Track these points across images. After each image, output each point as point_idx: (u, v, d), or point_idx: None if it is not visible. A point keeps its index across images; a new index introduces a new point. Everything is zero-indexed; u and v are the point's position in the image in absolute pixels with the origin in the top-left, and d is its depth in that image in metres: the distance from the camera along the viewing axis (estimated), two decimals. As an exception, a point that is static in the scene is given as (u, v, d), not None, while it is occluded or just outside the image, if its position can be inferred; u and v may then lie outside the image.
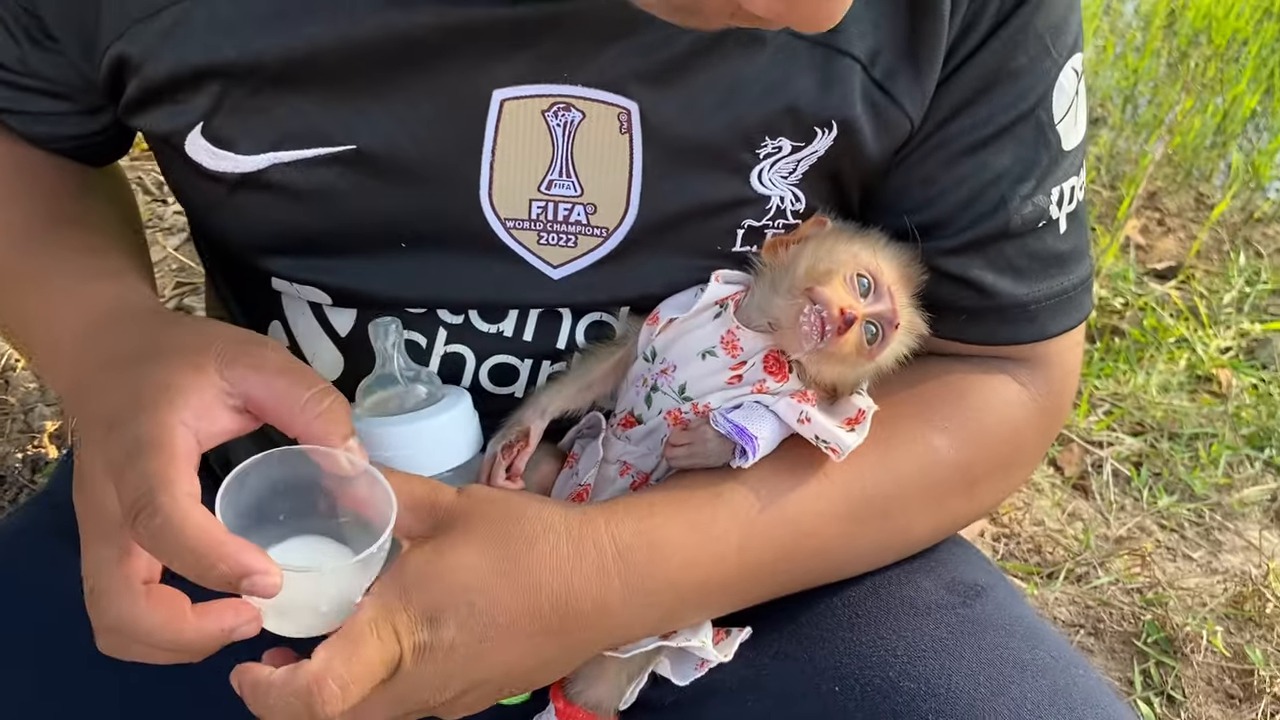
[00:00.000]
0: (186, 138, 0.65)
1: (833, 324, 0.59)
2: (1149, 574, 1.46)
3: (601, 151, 0.64)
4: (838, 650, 0.65)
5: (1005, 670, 0.61)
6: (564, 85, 0.62)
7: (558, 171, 0.64)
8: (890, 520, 0.68)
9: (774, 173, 0.66)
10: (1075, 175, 0.70)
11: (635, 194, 0.65)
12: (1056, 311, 0.71)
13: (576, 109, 0.62)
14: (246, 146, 0.64)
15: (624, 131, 0.63)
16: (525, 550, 0.57)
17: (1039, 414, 0.72)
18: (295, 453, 0.56)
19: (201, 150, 0.64)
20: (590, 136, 0.63)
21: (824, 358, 0.61)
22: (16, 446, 1.25)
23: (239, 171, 0.64)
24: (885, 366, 0.64)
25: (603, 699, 0.68)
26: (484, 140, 0.63)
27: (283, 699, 0.52)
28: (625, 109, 0.62)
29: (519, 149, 0.63)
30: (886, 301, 0.62)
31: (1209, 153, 2.68)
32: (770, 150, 0.65)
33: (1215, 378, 1.92)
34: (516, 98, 0.62)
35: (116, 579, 0.54)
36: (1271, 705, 1.28)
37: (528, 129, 0.63)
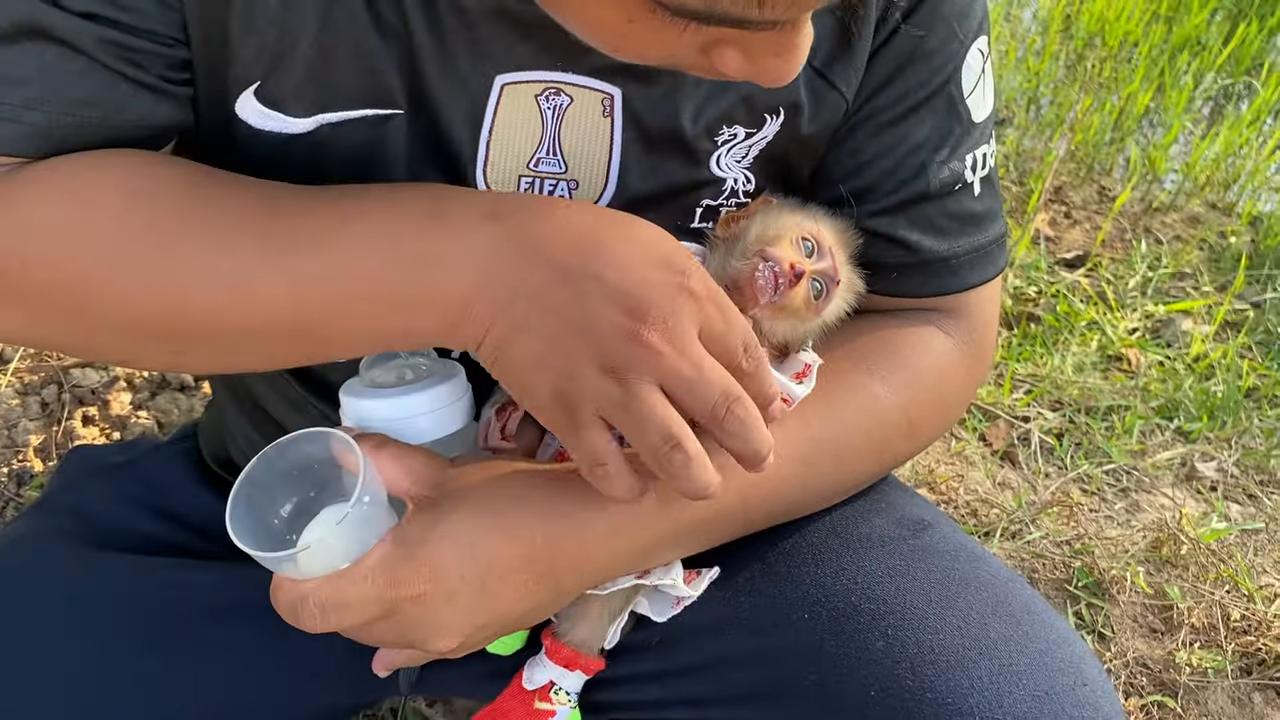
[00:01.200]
0: (239, 99, 0.66)
1: (784, 277, 0.67)
2: (1076, 528, 1.56)
3: (585, 133, 0.70)
4: (804, 583, 0.71)
5: (952, 588, 0.68)
6: (556, 72, 0.67)
7: (545, 150, 0.70)
8: (839, 462, 0.74)
9: (729, 157, 0.73)
10: (986, 144, 0.79)
11: (614, 173, 0.71)
12: (975, 264, 0.79)
13: (566, 94, 0.68)
14: (297, 108, 0.66)
15: (606, 115, 0.69)
16: (517, 507, 0.63)
17: (964, 359, 0.80)
18: (302, 437, 0.60)
19: (251, 112, 0.66)
20: (576, 119, 0.69)
21: (777, 312, 0.69)
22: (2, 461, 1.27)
23: (286, 133, 0.67)
24: (830, 322, 0.72)
25: (587, 637, 0.74)
26: (484, 121, 0.68)
27: (284, 602, 0.60)
28: (609, 95, 0.69)
29: (512, 130, 0.69)
30: (828, 260, 0.70)
31: (1108, 148, 2.80)
32: (727, 137, 0.72)
33: (1125, 357, 2.03)
34: (515, 83, 0.67)
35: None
36: (1190, 635, 1.39)
37: (522, 111, 0.68)
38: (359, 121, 0.67)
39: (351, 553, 0.59)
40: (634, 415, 0.58)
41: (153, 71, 0.63)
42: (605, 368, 0.57)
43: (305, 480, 0.62)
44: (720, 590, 0.74)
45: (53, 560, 0.86)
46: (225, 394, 0.93)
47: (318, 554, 0.58)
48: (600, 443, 0.60)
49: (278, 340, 0.63)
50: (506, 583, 0.62)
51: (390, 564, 0.60)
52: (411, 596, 0.60)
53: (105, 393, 1.40)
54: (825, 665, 0.67)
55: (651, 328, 0.57)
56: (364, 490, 0.58)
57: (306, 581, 0.59)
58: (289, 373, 0.81)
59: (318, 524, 0.61)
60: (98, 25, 0.60)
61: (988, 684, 0.62)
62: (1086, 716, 0.62)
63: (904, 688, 0.63)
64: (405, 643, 0.63)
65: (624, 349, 0.57)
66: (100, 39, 0.61)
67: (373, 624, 0.61)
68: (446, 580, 0.60)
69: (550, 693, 0.75)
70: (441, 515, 0.62)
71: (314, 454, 0.61)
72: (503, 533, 0.62)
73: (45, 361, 1.43)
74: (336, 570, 0.60)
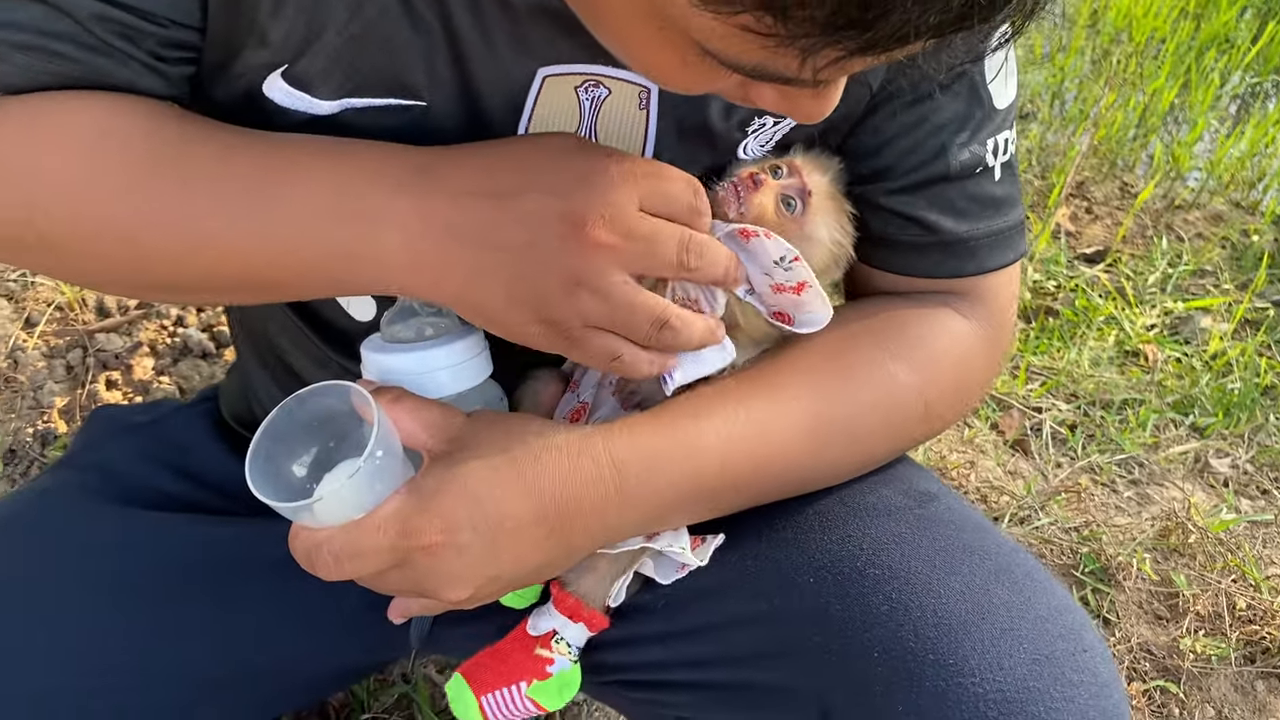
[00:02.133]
0: (267, 78, 0.67)
1: (742, 184, 0.69)
2: (1084, 515, 1.57)
3: (621, 125, 0.70)
4: (810, 549, 0.72)
5: (957, 555, 0.68)
6: (597, 65, 0.68)
7: None
8: (853, 440, 0.74)
9: (755, 143, 0.75)
10: (1007, 130, 0.79)
11: None
12: (994, 248, 0.79)
13: (605, 85, 0.69)
14: (324, 91, 0.67)
15: (642, 108, 0.70)
16: (530, 463, 0.64)
17: (983, 343, 0.79)
18: (321, 390, 0.62)
19: (278, 91, 0.67)
20: (613, 111, 0.70)
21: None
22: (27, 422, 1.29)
23: (311, 113, 0.68)
24: (832, 253, 0.73)
25: (592, 590, 0.76)
26: (523, 111, 0.69)
27: (300, 549, 0.62)
28: (646, 88, 0.69)
29: (551, 121, 0.69)
30: (796, 177, 0.71)
31: (1132, 144, 2.79)
32: (755, 127, 0.73)
33: (1142, 353, 2.03)
34: (556, 74, 0.68)
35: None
36: (1195, 623, 1.39)
37: (561, 102, 0.69)
38: (383, 109, 0.68)
39: (366, 504, 0.61)
40: (618, 318, 0.62)
41: (143, 47, 0.64)
42: (571, 281, 0.61)
43: (324, 432, 0.63)
44: (726, 555, 0.75)
45: (76, 515, 0.88)
46: (249, 352, 0.94)
47: (332, 504, 0.60)
48: (603, 343, 0.63)
49: (232, 285, 0.66)
50: (517, 537, 0.63)
51: (403, 515, 0.61)
52: (423, 547, 0.61)
53: (129, 358, 1.42)
54: (829, 627, 0.67)
55: (593, 226, 0.60)
56: (378, 443, 0.59)
57: (322, 530, 0.61)
58: (312, 329, 0.83)
59: (334, 475, 0.63)
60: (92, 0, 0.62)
61: (989, 646, 0.62)
62: (1085, 680, 0.63)
63: (907, 649, 0.63)
64: (418, 592, 0.64)
65: (578, 258, 0.60)
66: (94, 14, 0.62)
67: (386, 573, 0.63)
68: (458, 532, 0.61)
69: (552, 641, 0.76)
70: (455, 468, 0.63)
71: (333, 406, 0.62)
72: (515, 488, 0.63)
73: (71, 326, 1.45)
74: (351, 520, 0.61)
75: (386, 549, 0.61)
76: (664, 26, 0.50)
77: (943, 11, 0.43)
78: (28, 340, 1.39)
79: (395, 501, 0.61)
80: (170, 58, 0.66)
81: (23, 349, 1.38)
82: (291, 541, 0.63)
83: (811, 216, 0.72)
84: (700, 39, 0.49)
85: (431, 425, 0.64)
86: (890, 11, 0.42)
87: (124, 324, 1.46)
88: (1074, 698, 0.62)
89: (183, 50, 0.67)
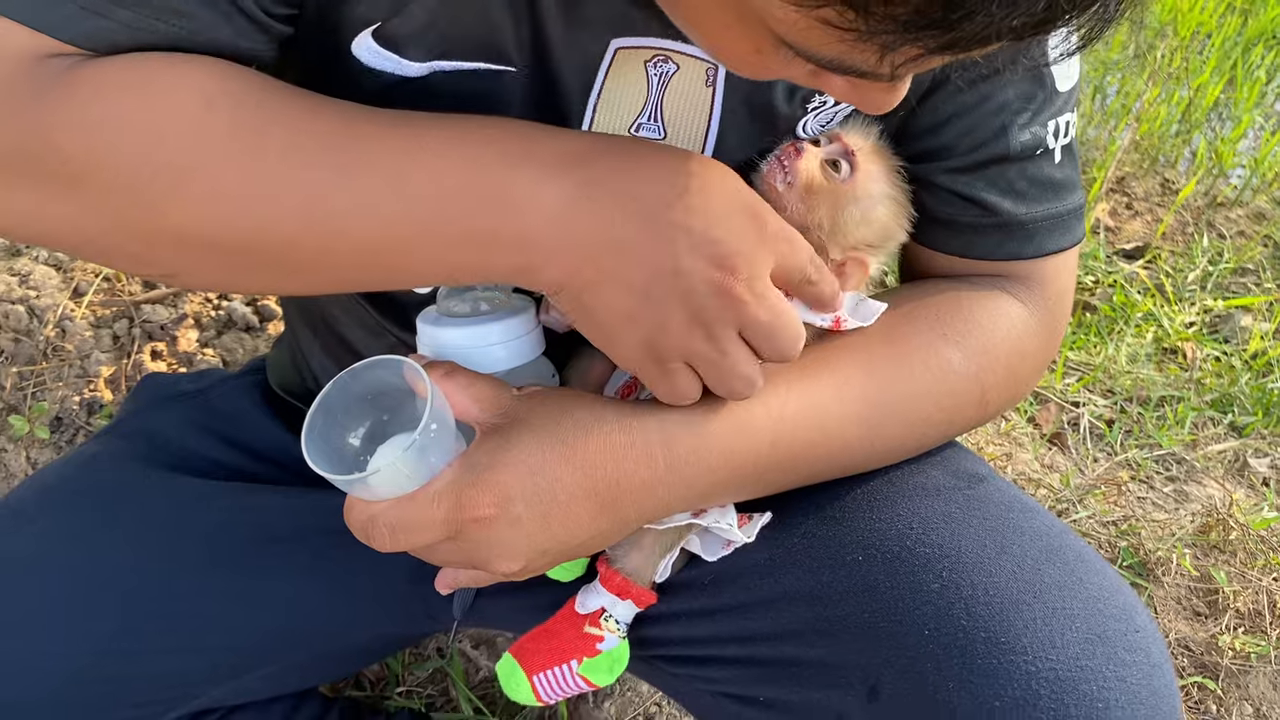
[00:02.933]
0: (356, 37, 0.67)
1: (784, 154, 0.70)
2: (1123, 509, 1.56)
3: (687, 101, 0.70)
4: (859, 528, 0.72)
5: (1007, 535, 0.68)
6: (668, 40, 0.68)
7: (648, 116, 0.71)
8: (906, 424, 0.74)
9: (816, 121, 0.74)
10: (1069, 113, 0.78)
11: (711, 142, 0.72)
12: (1052, 231, 0.78)
13: (674, 61, 0.69)
14: (415, 52, 0.67)
15: (709, 85, 0.70)
16: (582, 437, 0.64)
17: (1039, 328, 0.79)
18: (375, 364, 0.61)
19: (366, 50, 0.67)
20: (680, 86, 0.70)
21: (806, 196, 0.70)
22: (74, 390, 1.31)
23: (399, 75, 0.68)
24: (890, 209, 0.73)
25: (639, 566, 0.76)
26: (594, 83, 0.69)
27: (355, 522, 0.63)
28: (714, 65, 0.69)
29: (620, 94, 0.70)
30: (838, 144, 0.71)
31: (1174, 140, 2.76)
32: (817, 104, 0.73)
33: (1180, 350, 2.00)
34: (628, 47, 0.68)
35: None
36: (1234, 620, 1.38)
37: (630, 76, 0.69)
38: (471, 73, 0.68)
39: (420, 477, 0.61)
40: (723, 368, 0.63)
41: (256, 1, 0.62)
42: (696, 319, 0.61)
43: (378, 405, 0.64)
44: (773, 533, 0.75)
45: (123, 481, 0.89)
46: (301, 322, 0.95)
47: (387, 477, 0.60)
48: (687, 384, 0.64)
49: (346, 265, 0.62)
50: (568, 510, 0.64)
51: (457, 488, 0.61)
52: (476, 519, 0.61)
53: (174, 329, 1.44)
54: (879, 604, 0.68)
55: (738, 279, 0.60)
56: (431, 417, 0.59)
57: (377, 503, 0.61)
58: (366, 300, 0.83)
59: (388, 448, 0.63)
60: None
61: (1041, 625, 0.62)
62: (1138, 660, 0.62)
63: (958, 626, 0.63)
64: (470, 563, 0.65)
65: (713, 301, 0.60)
66: None
67: (439, 545, 0.63)
68: (511, 504, 0.62)
69: (601, 619, 0.77)
70: (508, 441, 0.63)
71: (387, 380, 0.62)
72: (567, 462, 0.63)
73: (118, 296, 1.47)
74: (405, 493, 0.61)
75: (440, 521, 0.62)
76: (742, 14, 0.50)
77: (1026, 15, 0.42)
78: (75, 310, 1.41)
79: (449, 474, 0.62)
80: (278, 14, 0.65)
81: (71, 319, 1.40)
82: (347, 514, 0.63)
83: (861, 177, 0.71)
84: (778, 30, 0.49)
85: (484, 400, 0.65)
86: (974, 14, 0.42)
87: (169, 296, 1.48)
88: (1126, 677, 0.61)
89: (289, 6, 0.65)
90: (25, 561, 0.81)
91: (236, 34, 0.62)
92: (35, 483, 0.90)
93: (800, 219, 0.70)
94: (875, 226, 0.73)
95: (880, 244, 0.74)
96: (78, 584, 0.81)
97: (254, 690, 0.93)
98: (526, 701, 0.78)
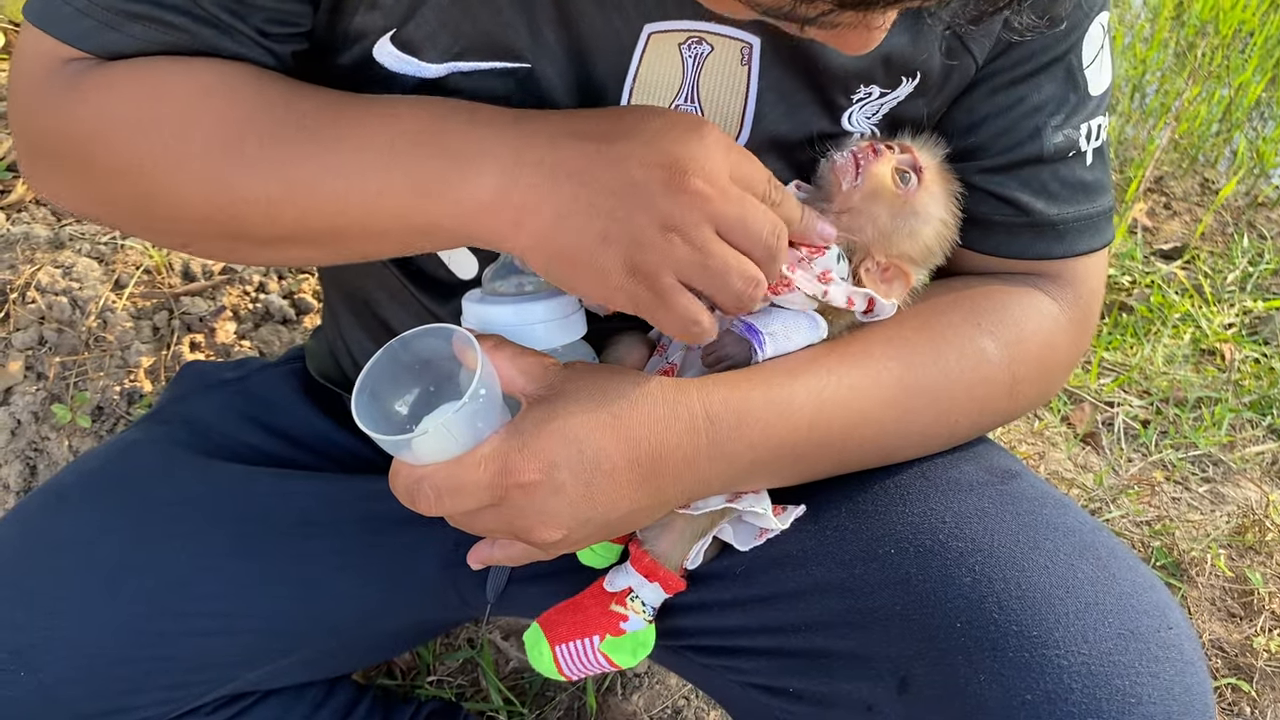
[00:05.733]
0: (377, 43, 0.69)
1: (863, 154, 0.70)
2: (1156, 509, 1.55)
3: (723, 81, 0.71)
4: (892, 521, 0.72)
5: (1040, 530, 0.68)
6: (700, 21, 0.69)
7: (684, 97, 0.72)
8: (939, 411, 0.75)
9: (861, 114, 0.75)
10: (1101, 116, 0.79)
11: (748, 121, 0.73)
12: (1084, 232, 0.79)
13: (707, 42, 0.70)
14: (431, 55, 0.69)
15: (744, 63, 0.71)
16: (627, 410, 0.65)
17: (1070, 325, 0.80)
18: (425, 332, 0.63)
19: (387, 55, 0.69)
20: (715, 67, 0.71)
21: (868, 198, 0.71)
22: (114, 380, 1.34)
23: (419, 77, 0.70)
24: (939, 232, 0.74)
25: (669, 550, 0.77)
26: (629, 69, 0.70)
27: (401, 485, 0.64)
28: (748, 44, 0.70)
29: (655, 78, 0.70)
30: (910, 154, 0.72)
31: (1214, 139, 2.73)
32: (862, 95, 0.73)
33: (1219, 351, 1.97)
34: (662, 31, 0.69)
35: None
36: (1270, 621, 1.36)
37: (665, 59, 0.70)
38: (489, 73, 0.69)
39: (466, 442, 0.62)
40: (713, 269, 0.63)
41: (249, 23, 0.67)
42: (666, 226, 0.61)
43: (426, 374, 0.65)
44: (806, 525, 0.76)
45: (164, 466, 0.91)
46: (343, 306, 0.97)
47: (435, 440, 0.61)
48: (687, 303, 0.64)
49: (325, 235, 0.67)
50: (612, 480, 0.65)
51: (503, 453, 0.62)
52: (521, 485, 0.62)
53: (212, 321, 1.46)
54: (911, 597, 0.68)
55: (692, 176, 0.61)
56: (480, 384, 0.60)
57: (423, 466, 0.62)
58: (411, 281, 0.84)
59: (437, 414, 0.64)
60: None
61: (1074, 620, 0.62)
62: (1170, 657, 0.62)
63: (990, 620, 0.64)
64: (511, 532, 0.66)
65: (677, 201, 0.61)
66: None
67: (482, 511, 0.64)
68: (555, 471, 0.63)
69: (627, 599, 0.77)
70: (554, 411, 0.64)
71: (436, 349, 0.64)
72: (611, 433, 0.64)
73: (158, 288, 1.49)
74: (452, 457, 0.62)
75: (485, 485, 0.62)
76: None
77: None
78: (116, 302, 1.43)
79: (495, 440, 0.63)
80: (276, 34, 0.69)
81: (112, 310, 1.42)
82: (393, 479, 0.64)
83: (923, 193, 0.72)
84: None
85: (530, 372, 0.66)
86: None
87: (208, 288, 1.50)
88: (1159, 673, 0.61)
89: (289, 26, 0.69)
90: (66, 543, 0.83)
91: (239, 45, 0.68)
92: (77, 467, 0.91)
93: (852, 216, 0.72)
94: (920, 244, 0.74)
95: (921, 261, 0.75)
96: (116, 566, 0.83)
97: (288, 675, 0.94)
98: (549, 672, 0.78)
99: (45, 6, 0.69)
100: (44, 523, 0.85)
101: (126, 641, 0.82)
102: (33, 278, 1.42)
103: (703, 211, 0.62)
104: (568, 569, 0.83)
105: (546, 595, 0.90)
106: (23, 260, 1.45)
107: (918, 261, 0.75)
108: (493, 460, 0.62)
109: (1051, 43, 0.75)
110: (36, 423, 1.30)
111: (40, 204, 1.58)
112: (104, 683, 0.81)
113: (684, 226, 0.62)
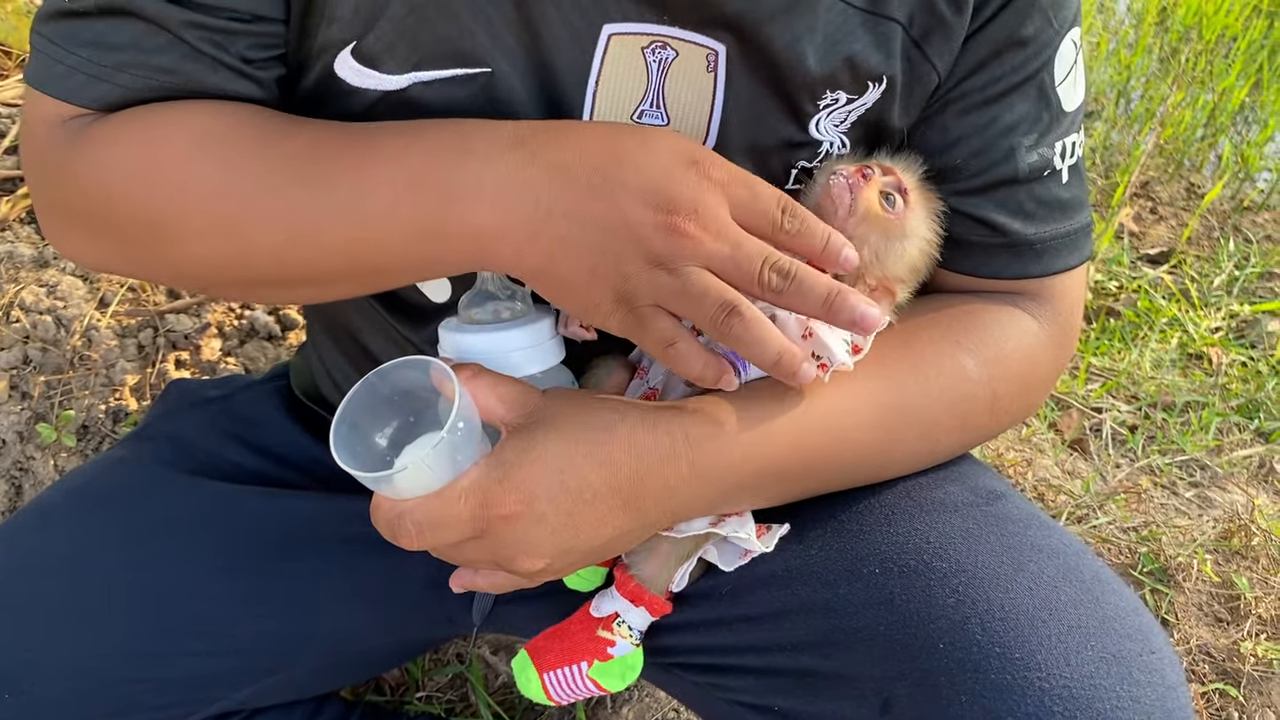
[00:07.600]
0: (337, 57, 0.69)
1: (853, 178, 0.70)
2: (1144, 515, 1.55)
3: (689, 87, 0.71)
4: (876, 541, 0.72)
5: (1024, 552, 0.68)
6: (663, 25, 0.69)
7: (649, 103, 0.72)
8: (921, 431, 0.75)
9: (829, 121, 0.75)
10: (1075, 133, 0.79)
11: (715, 128, 0.72)
12: (1061, 250, 0.79)
13: (672, 47, 0.70)
14: (391, 66, 0.69)
15: (710, 70, 0.71)
16: (607, 436, 0.65)
17: (1050, 341, 0.80)
18: (402, 364, 0.63)
19: (348, 69, 0.70)
20: (681, 73, 0.71)
21: (860, 223, 0.71)
22: (100, 399, 1.33)
23: (381, 90, 0.70)
24: (924, 250, 0.74)
25: (654, 574, 0.76)
26: (590, 71, 0.70)
27: (383, 519, 0.64)
28: (714, 50, 0.70)
29: (619, 81, 0.70)
30: (893, 176, 0.72)
31: (1199, 144, 2.75)
32: (829, 102, 0.73)
33: (1206, 355, 1.99)
34: (622, 34, 0.69)
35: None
36: (1257, 626, 1.37)
37: (628, 63, 0.70)
38: (451, 80, 0.69)
39: (446, 475, 0.62)
40: (689, 294, 0.62)
41: (232, 52, 0.68)
42: (653, 261, 0.62)
43: (405, 406, 0.65)
44: (790, 544, 0.75)
45: (150, 484, 0.90)
46: (323, 331, 0.96)
47: (415, 475, 0.61)
48: (666, 324, 0.64)
49: (334, 275, 0.68)
50: (593, 508, 0.64)
51: (483, 485, 0.62)
52: (502, 516, 0.62)
53: (197, 338, 1.46)
54: (894, 617, 0.68)
55: (684, 217, 0.61)
56: (458, 416, 0.60)
57: (404, 501, 0.62)
58: (387, 309, 0.84)
59: (415, 447, 0.64)
60: (182, 9, 0.66)
61: (1056, 643, 0.62)
62: (1153, 682, 0.62)
63: (973, 641, 0.63)
64: (494, 562, 0.66)
65: (664, 241, 0.61)
66: (185, 21, 0.67)
67: (464, 543, 0.64)
68: (536, 502, 0.63)
69: (614, 624, 0.77)
70: (534, 440, 0.64)
71: (414, 380, 0.64)
72: (592, 460, 0.64)
73: (143, 306, 1.49)
74: (432, 491, 0.62)
75: (467, 519, 0.62)
76: None
77: None
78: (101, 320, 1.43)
79: (475, 472, 0.63)
80: (258, 59, 0.70)
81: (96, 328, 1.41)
82: (374, 512, 0.64)
83: (910, 212, 0.72)
84: None
85: (509, 400, 0.66)
86: None
87: (193, 305, 1.49)
88: (1140, 698, 0.61)
89: (270, 50, 0.70)
90: (51, 562, 0.82)
91: (224, 81, 0.69)
92: (63, 486, 0.91)
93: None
94: (907, 263, 0.74)
95: (908, 279, 0.75)
96: (102, 586, 0.82)
97: (275, 693, 0.94)
98: (537, 698, 0.78)
99: (39, 68, 0.70)
100: (29, 542, 0.85)
101: (113, 662, 0.81)
102: (17, 296, 1.42)
103: (691, 251, 0.62)
104: (554, 590, 0.83)
105: (534, 616, 0.90)
106: (7, 279, 1.44)
107: (905, 280, 0.75)
108: (473, 493, 0.62)
109: (1023, 62, 0.75)
110: (21, 442, 1.30)
111: (24, 223, 1.58)
112: (90, 704, 0.81)
113: (669, 260, 0.62)
